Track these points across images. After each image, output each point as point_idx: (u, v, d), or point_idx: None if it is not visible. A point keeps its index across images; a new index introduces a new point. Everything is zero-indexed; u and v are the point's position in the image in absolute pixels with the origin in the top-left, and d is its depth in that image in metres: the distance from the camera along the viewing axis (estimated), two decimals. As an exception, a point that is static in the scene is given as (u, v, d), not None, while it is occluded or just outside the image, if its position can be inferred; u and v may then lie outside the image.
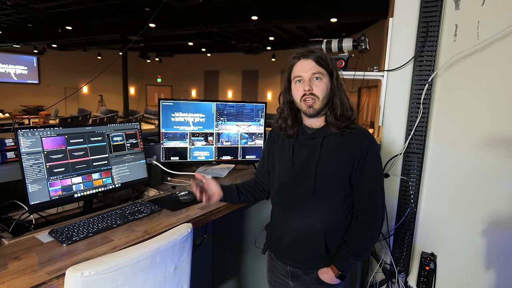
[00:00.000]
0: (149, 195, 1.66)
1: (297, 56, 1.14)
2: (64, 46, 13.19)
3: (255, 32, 11.14)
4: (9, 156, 1.23)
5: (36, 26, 11.00)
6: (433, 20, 1.61)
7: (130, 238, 1.14)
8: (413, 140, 1.74)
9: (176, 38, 11.46)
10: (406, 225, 1.82)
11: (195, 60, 16.04)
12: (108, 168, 1.44)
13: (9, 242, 1.06)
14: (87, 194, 1.36)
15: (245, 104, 2.14)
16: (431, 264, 1.81)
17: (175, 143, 2.02)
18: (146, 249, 1.00)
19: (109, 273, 0.92)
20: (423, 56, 1.66)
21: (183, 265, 1.16)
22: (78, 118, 11.06)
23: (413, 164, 1.76)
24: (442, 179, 1.74)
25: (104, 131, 1.43)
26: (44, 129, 1.22)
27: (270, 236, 1.31)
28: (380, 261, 1.87)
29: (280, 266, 1.27)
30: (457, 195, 1.71)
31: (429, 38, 1.63)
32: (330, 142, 1.14)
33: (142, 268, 1.01)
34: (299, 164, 1.16)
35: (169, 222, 1.29)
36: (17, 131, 1.15)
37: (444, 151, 1.71)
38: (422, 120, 1.70)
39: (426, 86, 1.66)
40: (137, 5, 8.51)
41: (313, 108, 1.11)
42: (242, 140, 2.16)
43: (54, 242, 1.08)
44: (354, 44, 1.87)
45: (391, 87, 1.80)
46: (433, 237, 1.82)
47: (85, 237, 1.11)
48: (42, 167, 1.21)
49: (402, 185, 1.81)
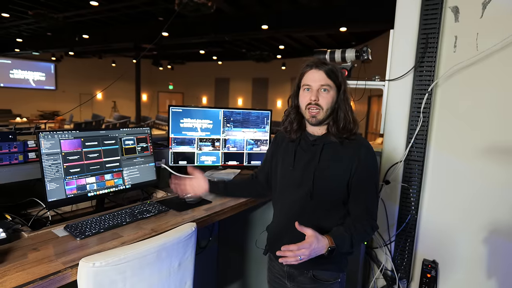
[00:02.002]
0: (157, 197, 1.75)
1: (309, 65, 1.20)
2: (81, 53, 13.64)
3: (265, 41, 11.30)
4: (30, 157, 1.34)
5: (55, 35, 11.44)
6: (432, 32, 1.67)
7: (138, 234, 1.22)
8: (413, 148, 1.78)
9: (188, 46, 11.74)
10: (407, 231, 1.85)
11: (206, 67, 16.31)
12: (120, 170, 1.53)
13: (28, 235, 1.15)
14: (99, 193, 1.45)
15: (251, 112, 2.21)
16: (433, 271, 1.82)
17: (183, 148, 2.10)
18: (152, 244, 1.08)
19: (119, 264, 0.99)
20: (423, 67, 1.71)
21: (186, 262, 1.23)
22: (92, 124, 11.36)
23: (414, 172, 1.80)
24: (444, 186, 1.77)
25: (116, 135, 1.53)
26: (62, 132, 1.32)
27: (270, 237, 1.37)
28: (381, 267, 1.89)
29: (278, 267, 1.32)
30: (458, 202, 1.73)
31: (428, 49, 1.69)
32: (329, 150, 1.20)
33: (149, 262, 1.08)
34: (300, 169, 1.23)
35: (175, 221, 1.36)
36: (39, 133, 1.25)
37: (445, 159, 1.75)
38: (422, 128, 1.74)
39: (426, 96, 1.71)
40: (151, 14, 8.78)
41: (316, 118, 1.18)
42: (248, 146, 2.24)
43: (68, 236, 1.16)
44: (357, 55, 1.93)
45: (392, 96, 1.85)
46: (435, 244, 1.84)
47: (96, 233, 1.19)
48: (60, 167, 1.31)
49: (403, 192, 1.84)
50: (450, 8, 1.67)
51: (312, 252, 1.05)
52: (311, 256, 1.06)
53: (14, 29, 10.76)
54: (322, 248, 1.07)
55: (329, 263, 1.23)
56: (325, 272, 1.24)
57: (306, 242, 1.05)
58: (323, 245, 1.07)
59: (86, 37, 10.76)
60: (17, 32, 11.28)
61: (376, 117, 8.95)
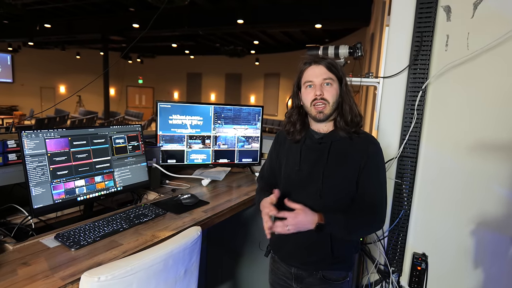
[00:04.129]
0: (149, 199, 1.64)
1: (308, 62, 1.17)
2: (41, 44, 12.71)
3: (239, 36, 11.18)
4: (10, 158, 1.19)
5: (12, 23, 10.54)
6: (427, 30, 1.70)
7: (139, 242, 1.13)
8: (407, 145, 1.81)
9: (159, 39, 11.32)
10: (399, 226, 1.89)
11: (178, 62, 15.85)
12: (111, 171, 1.41)
13: (13, 248, 1.02)
14: (89, 197, 1.32)
15: (242, 108, 2.15)
16: (423, 264, 1.87)
17: (172, 146, 2.00)
18: (159, 253, 1.00)
19: (125, 277, 0.90)
20: (417, 65, 1.74)
21: (192, 268, 1.16)
22: (56, 119, 10.64)
23: (406, 168, 1.83)
24: (433, 181, 1.82)
25: (106, 133, 1.40)
26: (48, 131, 1.19)
27: (274, 239, 1.32)
28: (375, 262, 1.92)
29: (284, 268, 1.28)
30: (447, 196, 1.79)
31: (423, 48, 1.71)
32: (337, 147, 1.17)
33: (155, 271, 1.00)
34: (307, 168, 1.19)
35: (175, 225, 1.28)
36: (21, 132, 1.11)
37: (435, 154, 1.79)
38: (416, 125, 1.77)
39: (420, 93, 1.74)
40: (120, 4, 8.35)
41: (323, 113, 1.15)
42: (239, 143, 2.17)
43: (61, 247, 1.05)
44: (350, 51, 1.93)
45: (387, 93, 1.86)
46: (425, 237, 1.89)
47: (93, 242, 1.09)
48: (46, 169, 1.18)
49: (396, 188, 1.87)
50: (442, 7, 1.70)
51: (298, 223, 1.07)
52: (299, 229, 1.07)
53: (-36, 15, 9.79)
54: (309, 222, 1.07)
55: (338, 262, 1.21)
56: (334, 272, 1.22)
57: (293, 212, 1.08)
58: (311, 220, 1.07)
59: (48, 27, 10.02)
60: (-33, 19, 10.28)
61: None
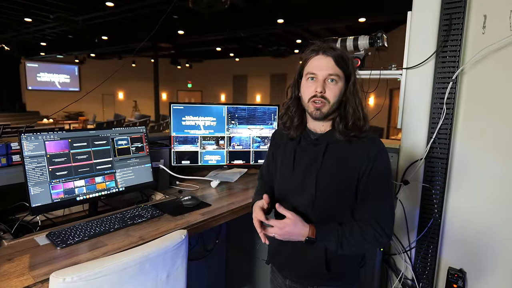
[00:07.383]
0: (156, 199, 1.65)
1: (315, 50, 1.03)
2: (101, 55, 13.94)
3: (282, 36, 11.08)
4: (14, 159, 1.27)
5: (76, 37, 11.74)
6: (456, 11, 1.46)
7: (124, 243, 1.12)
8: (435, 144, 1.58)
9: (204, 44, 11.70)
10: (429, 237, 1.66)
11: (224, 65, 16.26)
12: (112, 172, 1.45)
13: (8, 243, 1.08)
14: (89, 197, 1.37)
15: (257, 107, 2.08)
16: (459, 281, 1.63)
17: (186, 147, 2.01)
18: (133, 256, 0.97)
19: (94, 279, 0.89)
20: (446, 52, 1.51)
21: (177, 273, 1.12)
22: (113, 123, 11.63)
23: (436, 170, 1.60)
24: (472, 186, 1.56)
25: (108, 135, 1.44)
26: (47, 133, 1.25)
27: (271, 247, 1.23)
28: (400, 276, 1.71)
29: (280, 280, 1.19)
30: (490, 205, 1.52)
31: (452, 32, 1.48)
32: (334, 150, 1.04)
33: (130, 275, 0.98)
34: (300, 173, 1.07)
35: (166, 227, 1.26)
36: (20, 135, 1.18)
37: (473, 155, 1.54)
38: (445, 121, 1.54)
39: (450, 84, 1.50)
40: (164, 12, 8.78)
41: (321, 111, 1.02)
42: (254, 144, 2.11)
43: (49, 245, 1.09)
44: (371, 42, 1.75)
45: (411, 86, 1.65)
46: (463, 251, 1.64)
47: (80, 241, 1.11)
48: (45, 170, 1.24)
49: (424, 193, 1.65)
50: (477, -17, 1.46)
51: (285, 234, 0.98)
52: (285, 238, 0.99)
53: (38, 33, 11.13)
54: (298, 234, 0.98)
55: (335, 278, 1.08)
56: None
57: (281, 222, 0.98)
58: (300, 232, 0.97)
59: (105, 39, 10.96)
60: (41, 36, 11.68)
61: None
